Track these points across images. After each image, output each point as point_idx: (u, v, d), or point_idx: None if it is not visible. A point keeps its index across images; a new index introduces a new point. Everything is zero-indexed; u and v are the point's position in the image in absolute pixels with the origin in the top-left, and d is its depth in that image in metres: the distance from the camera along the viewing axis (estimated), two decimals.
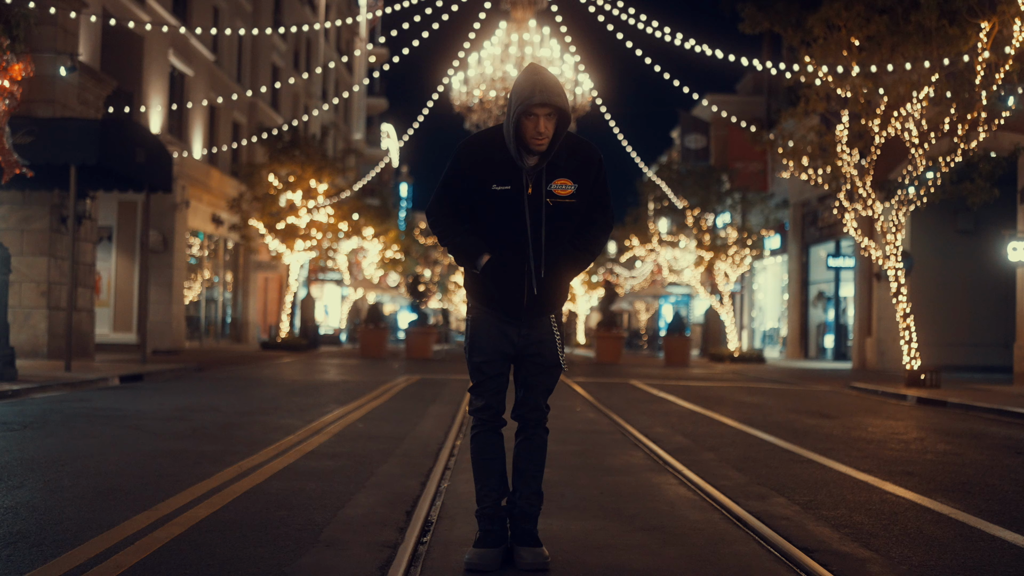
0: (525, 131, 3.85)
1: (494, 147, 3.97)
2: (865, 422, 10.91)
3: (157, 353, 24.71)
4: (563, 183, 3.92)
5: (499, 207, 3.91)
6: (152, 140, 16.95)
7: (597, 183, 4.01)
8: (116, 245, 26.02)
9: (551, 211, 3.90)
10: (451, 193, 4.03)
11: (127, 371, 15.16)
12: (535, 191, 3.89)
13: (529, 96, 3.82)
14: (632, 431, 9.06)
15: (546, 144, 3.86)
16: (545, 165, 3.91)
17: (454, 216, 4.04)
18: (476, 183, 3.94)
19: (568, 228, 3.97)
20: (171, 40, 26.60)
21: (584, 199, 3.97)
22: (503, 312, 3.98)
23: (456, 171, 4.01)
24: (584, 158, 3.99)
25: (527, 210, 3.89)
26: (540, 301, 3.96)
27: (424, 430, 8.83)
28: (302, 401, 11.61)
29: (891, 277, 17.09)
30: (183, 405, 10.57)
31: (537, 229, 3.89)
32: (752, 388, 16.62)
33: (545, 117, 3.82)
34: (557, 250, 3.95)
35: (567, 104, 3.89)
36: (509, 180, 3.91)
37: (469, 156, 3.99)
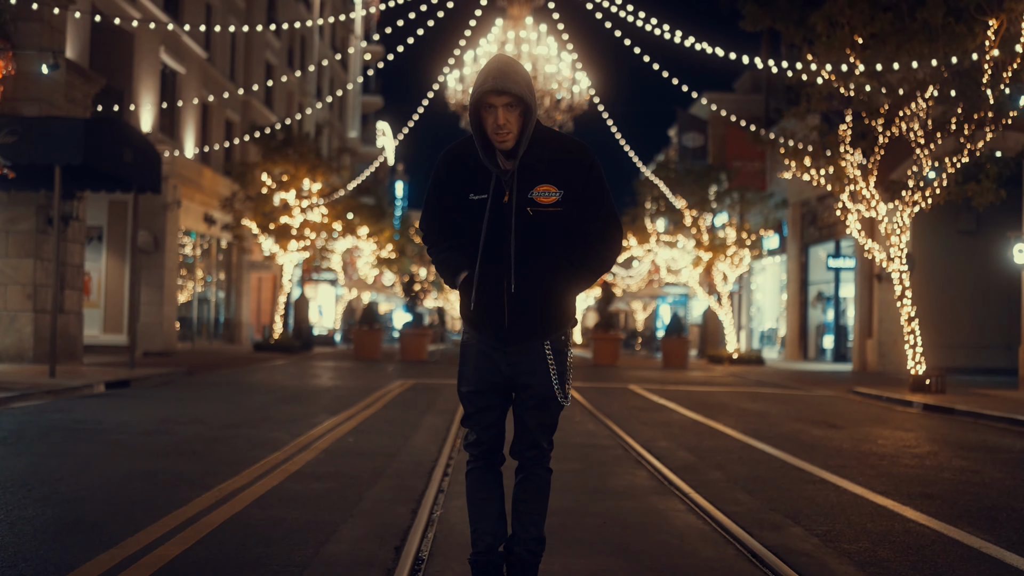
0: (486, 126, 3.48)
1: (471, 153, 3.61)
2: (874, 433, 10.55)
3: (148, 355, 24.31)
4: (546, 189, 3.52)
5: (476, 218, 3.54)
6: (140, 139, 16.55)
7: (589, 188, 3.59)
8: (107, 245, 25.62)
9: (531, 221, 3.50)
10: (435, 206, 3.70)
11: (114, 376, 14.77)
12: (513, 199, 3.50)
13: (482, 84, 3.46)
14: (634, 445, 8.69)
15: (511, 140, 3.48)
16: (518, 167, 3.52)
17: (439, 231, 3.70)
18: (455, 193, 3.59)
19: (554, 241, 3.55)
20: (163, 37, 26.19)
21: (573, 207, 3.55)
22: (485, 333, 3.60)
23: (437, 182, 3.68)
24: (571, 160, 3.58)
25: (503, 220, 3.50)
26: (524, 323, 3.54)
27: (417, 445, 8.46)
28: (291, 411, 11.23)
29: (895, 280, 16.72)
30: (167, 416, 10.19)
31: (517, 241, 3.50)
32: (753, 394, 16.26)
33: (504, 108, 3.44)
34: (542, 266, 3.52)
35: (528, 93, 3.49)
36: (485, 188, 3.54)
37: (448, 165, 3.65)
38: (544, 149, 3.59)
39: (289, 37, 40.24)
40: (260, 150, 29.61)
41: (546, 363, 3.61)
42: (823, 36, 16.67)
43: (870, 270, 26.19)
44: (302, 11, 41.54)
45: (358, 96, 57.82)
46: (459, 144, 3.71)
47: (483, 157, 3.53)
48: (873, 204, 16.97)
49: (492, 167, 3.52)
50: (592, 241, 3.64)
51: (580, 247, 3.64)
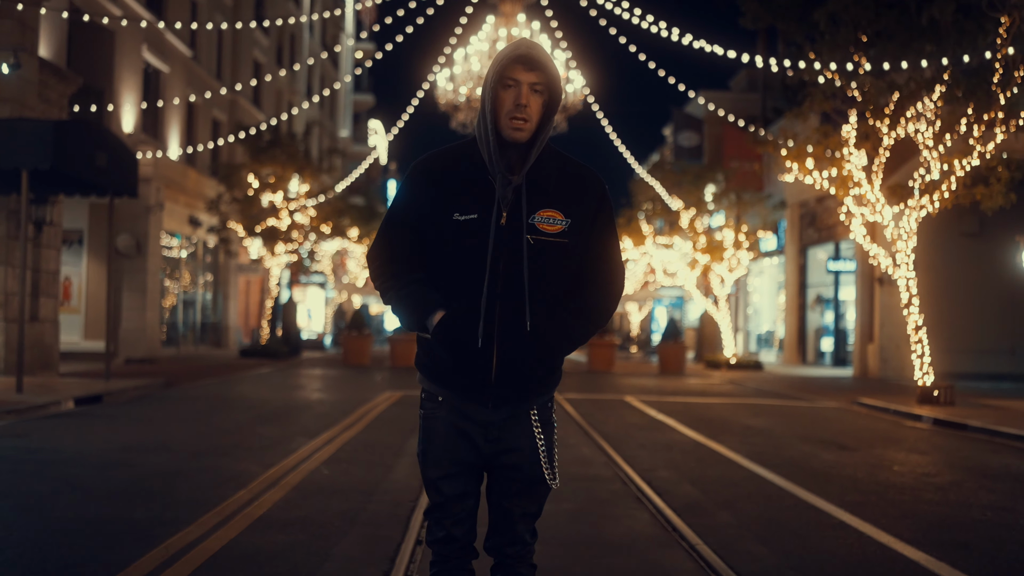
0: (500, 108, 2.82)
1: (460, 161, 2.93)
2: (888, 457, 9.89)
3: (130, 362, 23.63)
4: (551, 215, 2.85)
5: (461, 243, 2.84)
6: (115, 142, 15.83)
7: (599, 223, 2.94)
8: (87, 249, 24.93)
9: (532, 252, 2.83)
10: (399, 228, 2.97)
11: (86, 391, 14.07)
12: (512, 222, 2.84)
13: (509, 53, 2.83)
14: (634, 477, 8.02)
15: (527, 132, 2.82)
16: (525, 179, 2.86)
17: (401, 260, 2.95)
18: (433, 211, 2.88)
19: (555, 278, 2.87)
20: (145, 35, 25.46)
21: (580, 241, 2.90)
22: (462, 394, 2.90)
23: (408, 196, 2.96)
24: (582, 185, 2.94)
25: (497, 248, 2.83)
26: (513, 382, 2.85)
27: (398, 478, 7.78)
28: (268, 433, 10.54)
29: (903, 287, 16.08)
30: (132, 442, 9.49)
31: (511, 274, 2.82)
32: (755, 407, 15.61)
33: (530, 87, 2.81)
34: (538, 308, 2.85)
35: (558, 84, 2.88)
36: (477, 205, 2.84)
37: (426, 174, 2.94)
38: (551, 167, 2.93)
39: (278, 34, 39.51)
40: (247, 150, 28.90)
41: (534, 438, 2.94)
42: (826, 34, 16.03)
43: (871, 273, 25.57)
44: (291, 7, 40.79)
45: (349, 94, 57.10)
46: (442, 152, 3.02)
47: (489, 151, 2.84)
48: (879, 208, 16.33)
49: (499, 168, 2.84)
50: (594, 287, 2.96)
51: (579, 293, 2.96)
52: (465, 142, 3.01)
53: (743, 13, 18.07)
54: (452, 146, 3.03)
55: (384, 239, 3.02)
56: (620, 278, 3.01)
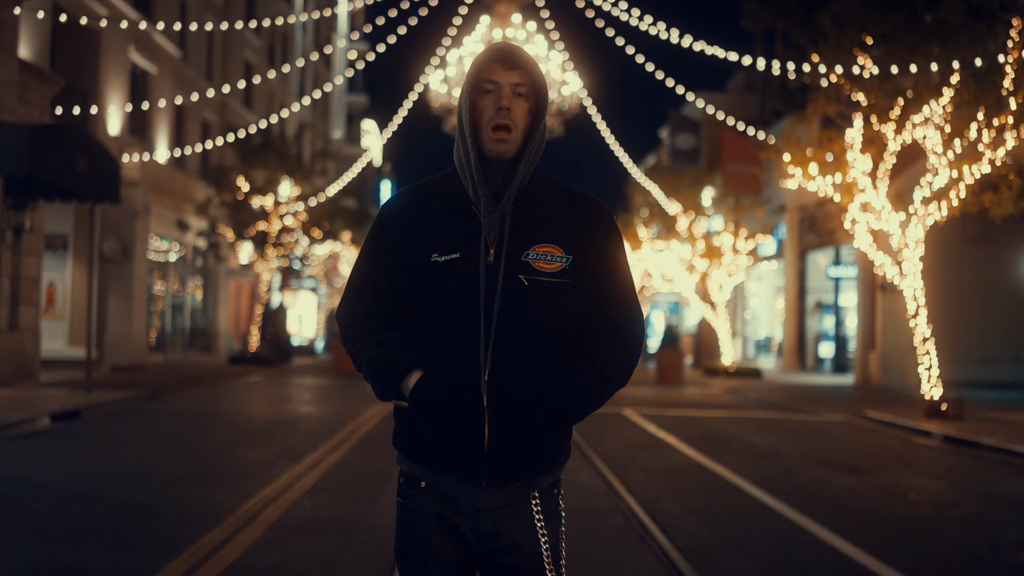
0: (480, 115, 2.38)
1: (437, 194, 2.46)
2: (903, 482, 9.39)
3: (117, 370, 23.10)
4: (548, 251, 2.37)
5: (442, 290, 2.36)
6: (96, 146, 15.31)
7: (606, 255, 2.46)
8: (72, 254, 24.36)
9: (527, 295, 2.34)
10: (368, 280, 2.49)
11: (64, 405, 13.52)
12: (501, 260, 2.35)
13: (484, 57, 2.39)
14: (636, 510, 7.51)
15: (513, 143, 2.38)
16: (512, 211, 2.38)
17: (373, 318, 2.46)
18: (408, 255, 2.41)
19: (557, 327, 2.38)
20: (132, 35, 24.91)
21: (584, 281, 2.41)
22: (448, 472, 2.38)
23: (378, 241, 2.48)
24: (583, 213, 2.46)
25: (486, 292, 2.34)
26: (512, 454, 2.35)
27: (383, 513, 7.26)
28: (249, 456, 10.01)
29: (909, 296, 15.59)
30: (104, 468, 8.95)
31: (504, 323, 2.34)
32: (758, 421, 15.10)
33: (512, 89, 2.38)
34: (538, 363, 2.36)
35: (543, 86, 2.43)
36: (459, 242, 2.37)
37: (397, 213, 2.47)
38: (545, 193, 2.45)
39: (270, 34, 38.97)
40: (237, 153, 28.35)
41: (536, 533, 2.42)
42: (831, 36, 15.55)
43: (872, 279, 25.10)
44: (283, 7, 40.26)
45: (343, 95, 56.56)
46: (415, 186, 2.54)
47: (470, 172, 2.38)
48: (885, 216, 15.84)
49: (483, 192, 2.37)
50: (606, 337, 2.44)
51: (588, 344, 2.45)
52: (443, 173, 2.53)
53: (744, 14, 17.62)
54: (428, 179, 2.55)
55: (352, 294, 2.53)
56: (638, 325, 2.50)
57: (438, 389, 2.34)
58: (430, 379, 2.35)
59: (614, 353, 2.45)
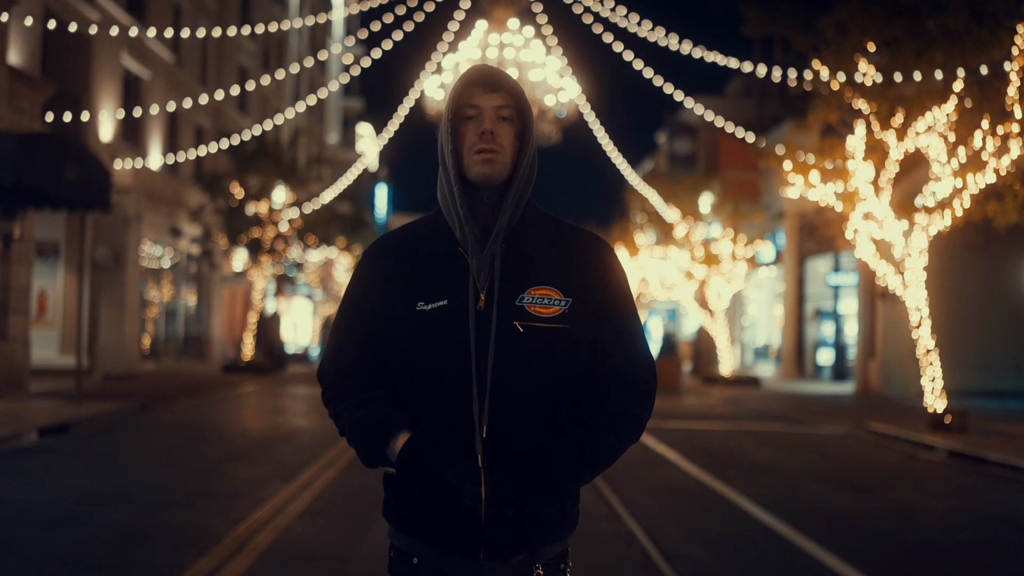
0: (462, 142, 2.20)
1: (421, 236, 2.26)
2: (910, 501, 9.16)
3: (109, 378, 22.82)
4: (545, 293, 2.17)
5: (429, 341, 2.15)
6: (85, 155, 15.05)
7: (609, 301, 2.24)
8: (64, 261, 24.05)
9: (523, 343, 2.13)
10: (350, 334, 2.28)
11: (52, 419, 13.26)
12: (493, 305, 2.14)
13: (464, 81, 2.24)
14: (638, 535, 7.26)
15: (500, 164, 2.18)
16: (503, 249, 2.18)
17: (355, 375, 2.26)
18: (391, 304, 2.20)
19: (558, 378, 2.16)
20: (125, 40, 24.65)
21: (587, 326, 2.19)
22: (442, 544, 2.16)
23: (359, 292, 2.28)
24: (582, 251, 2.25)
25: (478, 341, 2.13)
26: (513, 522, 2.12)
27: (376, 538, 7.00)
28: (241, 475, 9.77)
29: (912, 307, 15.37)
30: (91, 490, 8.68)
31: (499, 375, 2.12)
32: (759, 435, 14.87)
33: (495, 112, 2.20)
34: (539, 419, 2.15)
35: (528, 108, 2.24)
36: (446, 287, 2.17)
37: (378, 260, 2.28)
38: (540, 231, 2.24)
39: (265, 39, 38.73)
40: (231, 159, 28.06)
41: None
42: (833, 43, 15.33)
43: (873, 287, 24.89)
44: (277, 11, 40.02)
45: (338, 99, 56.32)
46: (398, 230, 2.34)
47: (454, 207, 2.18)
48: (887, 225, 15.60)
49: (470, 228, 2.17)
50: (615, 387, 2.22)
51: (594, 396, 2.22)
52: (428, 215, 2.33)
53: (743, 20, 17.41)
54: (411, 222, 2.35)
55: (333, 350, 2.31)
56: (648, 372, 2.28)
57: (428, 451, 2.12)
58: (419, 440, 2.14)
59: (623, 404, 2.22)
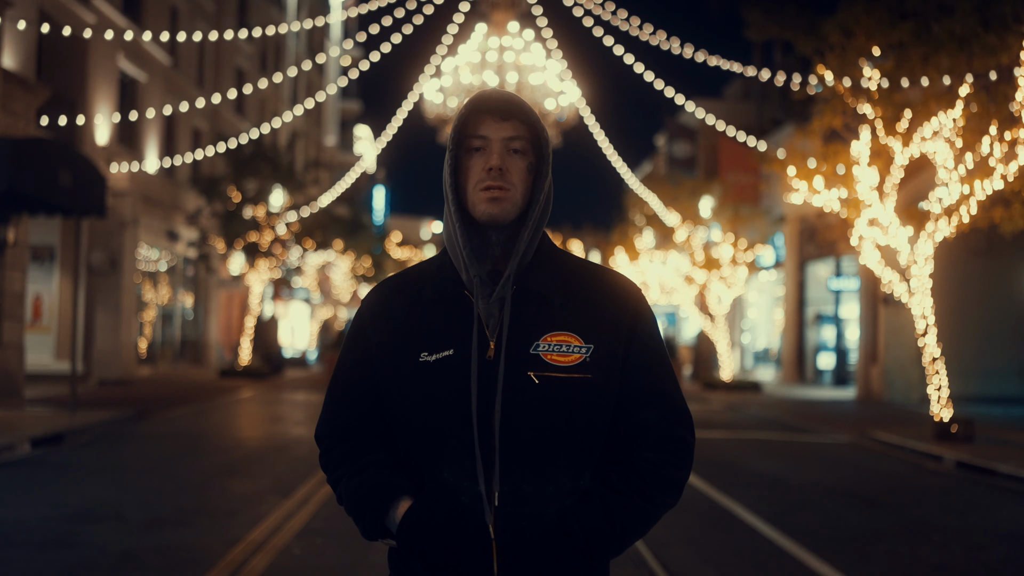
0: (467, 177, 1.99)
1: (425, 280, 2.03)
2: (923, 519, 8.95)
3: (105, 384, 22.61)
4: (563, 340, 1.94)
5: (434, 394, 1.93)
6: (80, 160, 14.84)
7: (637, 349, 2.01)
8: (59, 265, 23.83)
9: (539, 396, 1.91)
10: (348, 391, 2.06)
11: (46, 429, 13.02)
12: (504, 353, 1.92)
13: (474, 103, 2.01)
14: (646, 556, 7.03)
15: (509, 203, 1.96)
16: (515, 291, 1.96)
17: (354, 436, 2.04)
18: (392, 356, 1.99)
19: (580, 435, 1.94)
20: (122, 43, 24.43)
21: (611, 376, 1.96)
22: None
23: (358, 344, 2.06)
24: (605, 293, 2.02)
25: (487, 393, 1.91)
26: None
27: (376, 560, 6.78)
28: (237, 489, 9.55)
29: (918, 315, 15.17)
30: (83, 506, 8.45)
31: (511, 432, 1.90)
32: (763, 444, 14.66)
33: (505, 144, 1.97)
34: (559, 482, 1.92)
35: (545, 138, 2.00)
36: (452, 335, 1.95)
37: (380, 311, 2.05)
38: (555, 270, 2.01)
39: (262, 41, 38.51)
40: (229, 163, 27.83)
41: None
42: (838, 48, 15.14)
43: (875, 292, 24.70)
44: (275, 14, 39.80)
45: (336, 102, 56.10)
46: (400, 275, 2.12)
47: (458, 248, 1.96)
48: (893, 231, 15.40)
49: (476, 270, 1.95)
50: (645, 443, 2.01)
51: (622, 455, 2.01)
52: (433, 257, 2.11)
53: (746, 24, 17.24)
54: (415, 265, 2.13)
55: (330, 408, 2.10)
56: (686, 427, 2.07)
57: (432, 520, 1.90)
58: (422, 508, 1.92)
59: (658, 465, 2.00)
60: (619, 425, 2.01)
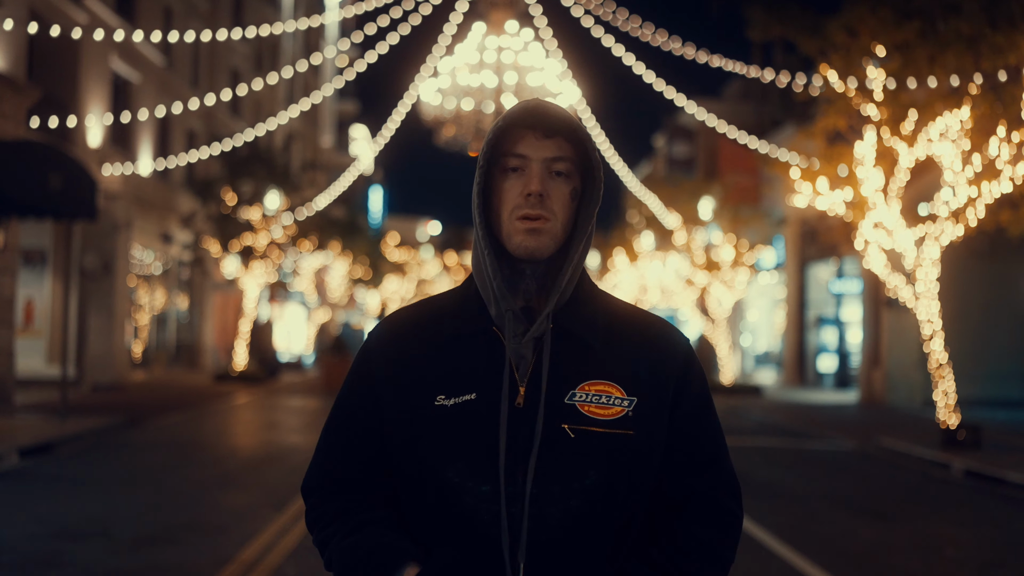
0: (502, 201, 1.72)
1: (443, 316, 1.76)
2: (935, 533, 8.69)
3: (98, 390, 22.32)
4: (603, 389, 1.68)
5: (450, 446, 1.66)
6: (70, 163, 14.55)
7: (685, 400, 1.76)
8: (51, 269, 23.54)
9: (572, 451, 1.65)
10: (349, 438, 1.78)
11: (35, 438, 12.71)
12: (535, 401, 1.66)
13: (513, 116, 1.72)
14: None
15: (548, 236, 1.69)
16: (555, 327, 1.69)
17: (350, 489, 1.77)
18: (403, 400, 1.71)
19: (619, 498, 1.68)
20: (114, 44, 24.13)
21: (654, 434, 1.71)
22: None
23: (363, 385, 1.78)
24: (652, 342, 1.77)
25: (515, 446, 1.65)
26: None
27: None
28: (229, 502, 9.26)
29: (923, 319, 14.92)
30: (69, 522, 8.16)
31: (542, 492, 1.64)
32: (767, 451, 14.40)
33: (546, 166, 1.70)
34: (593, 553, 1.66)
35: (597, 158, 1.71)
36: (475, 377, 1.69)
37: (391, 346, 1.77)
38: (598, 312, 1.75)
39: (258, 42, 38.22)
40: (224, 164, 27.52)
41: None
42: (842, 48, 14.87)
43: (878, 294, 24.45)
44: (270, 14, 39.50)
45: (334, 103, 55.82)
46: (418, 304, 1.83)
47: (488, 281, 1.69)
48: (899, 235, 15.13)
49: (507, 304, 1.68)
50: (691, 513, 1.76)
51: (665, 525, 1.76)
52: (456, 288, 1.83)
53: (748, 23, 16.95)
54: (435, 295, 1.85)
55: (323, 455, 1.82)
56: (735, 500, 1.81)
57: None
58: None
59: (704, 540, 1.75)
60: (662, 490, 1.76)
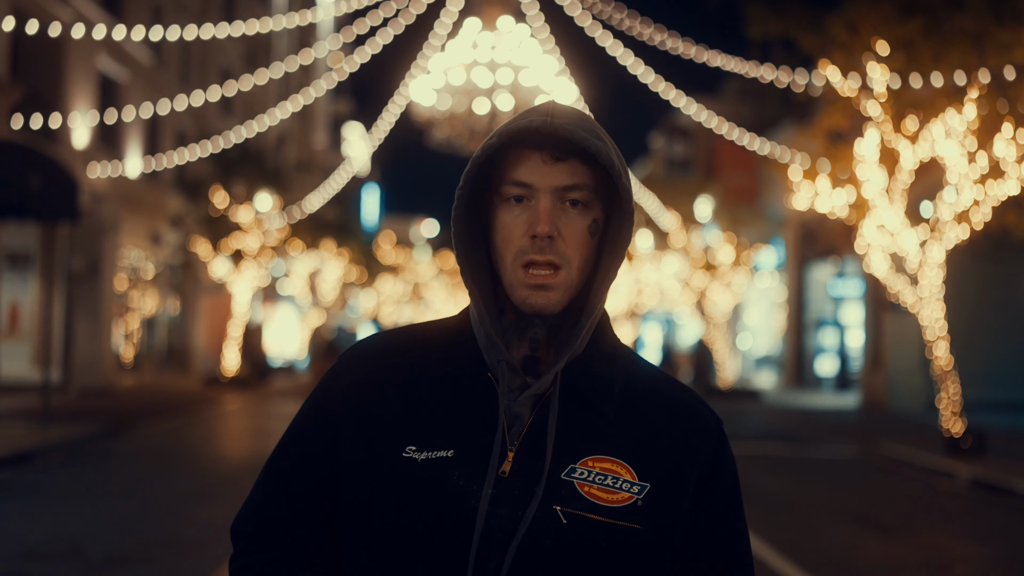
0: (505, 239, 1.34)
1: (428, 351, 1.38)
2: (941, 547, 8.34)
3: (85, 395, 21.90)
4: (608, 467, 1.33)
5: (415, 511, 1.30)
6: (50, 163, 14.17)
7: (710, 495, 1.40)
8: (37, 271, 23.14)
9: (563, 541, 1.29)
10: (292, 480, 1.41)
11: (15, 447, 12.31)
12: (526, 472, 1.31)
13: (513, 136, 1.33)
14: None
15: (559, 289, 1.31)
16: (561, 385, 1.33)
17: (288, 542, 1.39)
18: (365, 446, 1.34)
19: None
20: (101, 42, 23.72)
21: (667, 530, 1.36)
22: None
23: (319, 420, 1.41)
24: (675, 416, 1.41)
25: (493, 528, 1.28)
26: None
27: None
28: (209, 517, 8.88)
29: (928, 322, 14.59)
30: (40, 540, 7.78)
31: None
32: (768, 459, 14.02)
33: (557, 196, 1.33)
34: None
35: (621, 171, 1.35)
36: (455, 431, 1.34)
37: (363, 376, 1.38)
38: (615, 372, 1.38)
39: (249, 40, 37.82)
40: (214, 165, 27.10)
41: None
42: (844, 45, 14.53)
43: (879, 297, 24.12)
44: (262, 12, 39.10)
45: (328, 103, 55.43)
46: (400, 331, 1.45)
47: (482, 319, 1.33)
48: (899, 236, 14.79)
49: (498, 351, 1.32)
50: None
51: None
52: (452, 317, 1.45)
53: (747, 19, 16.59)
54: (428, 323, 1.47)
55: (260, 498, 1.44)
56: None
57: None
58: None
59: None
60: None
